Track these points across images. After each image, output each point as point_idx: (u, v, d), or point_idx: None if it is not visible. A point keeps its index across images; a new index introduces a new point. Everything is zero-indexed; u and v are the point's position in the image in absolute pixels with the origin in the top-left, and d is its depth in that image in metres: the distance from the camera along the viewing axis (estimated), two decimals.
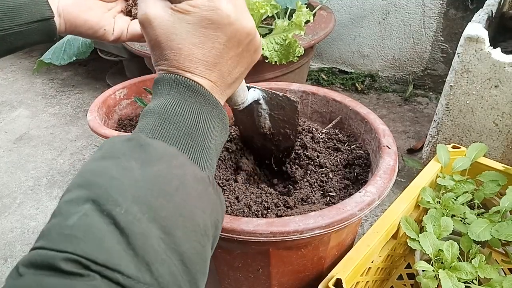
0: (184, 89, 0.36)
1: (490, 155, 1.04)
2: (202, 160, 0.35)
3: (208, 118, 0.37)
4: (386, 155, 0.66)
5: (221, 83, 0.39)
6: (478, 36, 0.91)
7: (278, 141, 0.73)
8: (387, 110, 1.65)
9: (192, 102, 0.36)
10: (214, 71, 0.38)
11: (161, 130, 0.34)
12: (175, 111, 0.35)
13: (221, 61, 0.38)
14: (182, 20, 0.35)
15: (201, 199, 0.32)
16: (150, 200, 0.29)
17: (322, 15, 1.41)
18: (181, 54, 0.36)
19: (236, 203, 0.64)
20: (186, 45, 0.36)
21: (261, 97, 0.67)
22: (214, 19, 0.36)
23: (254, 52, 0.41)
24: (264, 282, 0.67)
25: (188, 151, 0.34)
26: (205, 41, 0.36)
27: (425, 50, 1.65)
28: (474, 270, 0.67)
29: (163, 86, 0.37)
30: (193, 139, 0.35)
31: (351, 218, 0.56)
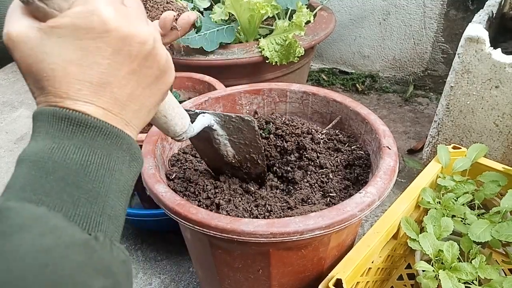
0: (66, 124, 0.29)
1: (490, 156, 1.04)
2: (94, 214, 0.28)
3: (104, 155, 0.30)
4: (386, 155, 0.66)
5: (120, 111, 0.32)
6: (478, 36, 0.91)
7: (247, 168, 0.69)
8: (387, 111, 1.65)
9: (78, 139, 0.29)
10: (104, 95, 0.30)
11: (34, 185, 0.27)
12: (55, 157, 0.28)
13: (111, 80, 0.31)
14: (52, 34, 0.29)
15: (83, 271, 0.26)
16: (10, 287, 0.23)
17: (322, 15, 1.41)
18: (56, 76, 0.29)
19: (235, 209, 0.64)
20: (60, 64, 0.29)
21: (214, 122, 0.61)
22: (90, 27, 0.29)
23: (159, 70, 0.34)
24: (264, 282, 0.67)
25: (72, 207, 0.27)
26: (83, 56, 0.29)
27: (425, 50, 1.65)
28: (474, 271, 0.67)
29: (41, 123, 0.30)
30: (81, 189, 0.28)
31: (352, 219, 0.56)
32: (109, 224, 0.30)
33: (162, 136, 0.72)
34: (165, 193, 0.59)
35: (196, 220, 0.55)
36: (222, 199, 0.64)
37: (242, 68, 1.21)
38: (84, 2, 0.29)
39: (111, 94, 0.31)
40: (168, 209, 0.58)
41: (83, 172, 0.29)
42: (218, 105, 0.85)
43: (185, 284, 1.00)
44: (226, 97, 0.86)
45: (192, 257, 0.81)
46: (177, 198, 0.58)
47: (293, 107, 0.88)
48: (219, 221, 0.55)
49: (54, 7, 0.29)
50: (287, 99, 0.88)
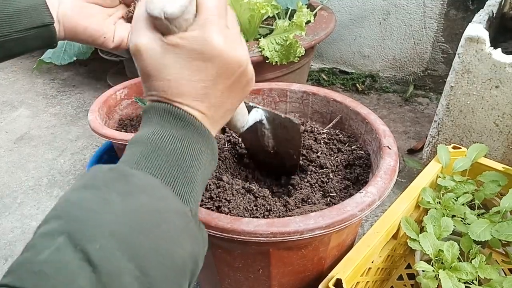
0: (174, 118, 0.36)
1: (490, 156, 1.04)
2: (187, 194, 0.34)
3: (197, 149, 0.36)
4: (386, 155, 0.66)
5: (212, 115, 0.38)
6: (478, 36, 0.91)
7: (282, 159, 0.73)
8: (387, 111, 1.65)
9: (181, 132, 0.35)
10: (204, 103, 0.37)
11: (147, 161, 0.33)
12: (163, 141, 0.34)
13: (211, 92, 0.37)
14: (171, 52, 0.35)
15: (182, 235, 0.31)
16: (128, 236, 0.27)
17: (322, 15, 1.41)
18: (170, 86, 0.35)
19: (236, 208, 0.64)
20: (175, 76, 0.35)
21: (264, 117, 0.66)
22: (203, 51, 0.35)
23: (246, 84, 0.40)
24: (264, 282, 0.67)
25: (173, 184, 0.33)
26: (194, 72, 0.35)
27: (425, 50, 1.65)
28: (474, 271, 0.67)
29: (152, 115, 0.36)
30: (179, 171, 0.34)
31: (352, 219, 0.56)
32: (194, 204, 0.35)
33: None
34: None
35: None
36: (224, 198, 0.64)
37: None
38: (200, 29, 0.35)
39: (209, 102, 0.37)
40: None
41: (182, 158, 0.34)
42: None
43: None
44: None
45: None
46: None
47: (293, 107, 0.88)
48: (219, 220, 0.55)
49: (175, 25, 0.34)
50: (287, 99, 0.88)
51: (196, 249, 0.33)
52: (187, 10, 0.34)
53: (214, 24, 0.35)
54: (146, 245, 0.28)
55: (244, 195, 0.66)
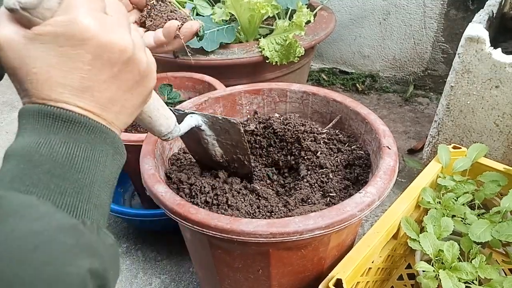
0: (52, 120, 0.31)
1: (490, 156, 1.04)
2: (80, 203, 0.30)
3: (89, 149, 0.32)
4: (386, 155, 0.66)
5: (101, 112, 0.34)
6: (478, 36, 0.91)
7: (235, 168, 0.70)
8: (387, 111, 1.64)
9: (63, 134, 0.31)
10: (84, 97, 0.32)
11: (23, 177, 0.29)
12: (42, 151, 0.30)
13: (92, 85, 0.32)
14: (35, 40, 0.31)
15: (72, 252, 0.27)
16: (2, 269, 0.24)
17: (322, 15, 1.41)
18: (38, 80, 0.31)
19: (235, 209, 0.63)
20: (42, 68, 0.31)
21: (202, 122, 0.62)
22: (70, 34, 0.31)
23: (140, 75, 0.36)
24: (264, 282, 0.67)
25: (58, 197, 0.29)
26: (64, 61, 0.31)
27: (425, 50, 1.65)
28: (475, 271, 0.67)
29: (27, 120, 0.31)
30: (66, 180, 0.30)
31: (351, 219, 0.56)
32: (95, 212, 0.31)
33: None
34: (164, 193, 0.59)
35: (195, 220, 0.55)
36: (223, 199, 0.64)
37: (242, 68, 1.21)
38: (65, 12, 0.31)
39: (91, 97, 0.33)
40: (167, 209, 0.58)
41: (69, 164, 0.31)
42: (218, 105, 0.85)
43: (185, 284, 1.00)
44: (226, 97, 0.86)
45: (192, 257, 0.81)
46: (177, 198, 0.58)
47: (293, 107, 0.88)
48: (219, 221, 0.55)
49: (37, 16, 0.31)
50: (287, 99, 0.88)
51: (97, 263, 0.29)
52: None
53: (81, 6, 0.31)
54: (23, 275, 0.24)
55: (246, 196, 0.66)
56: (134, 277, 1.02)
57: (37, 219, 0.27)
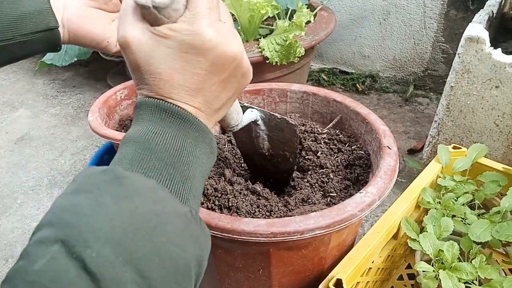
0: (167, 115, 0.34)
1: (490, 156, 1.04)
2: (185, 192, 0.33)
3: (193, 144, 0.35)
4: (386, 155, 0.66)
5: (206, 109, 0.37)
6: (478, 36, 0.91)
7: (277, 162, 0.72)
8: (387, 111, 1.65)
9: (175, 129, 0.34)
10: (197, 97, 0.36)
11: (141, 161, 0.32)
12: (157, 140, 0.33)
13: (205, 86, 0.36)
14: (161, 43, 0.33)
15: (182, 237, 0.30)
16: (125, 241, 0.26)
17: (322, 15, 1.41)
18: (161, 79, 0.34)
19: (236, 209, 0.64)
20: (166, 70, 0.34)
21: (259, 117, 0.65)
22: (195, 44, 0.34)
23: (241, 77, 0.39)
24: (264, 282, 0.67)
25: (170, 183, 0.32)
26: (186, 66, 0.34)
27: (425, 50, 1.65)
28: (475, 271, 0.67)
29: (144, 112, 0.35)
30: (176, 169, 0.33)
31: (352, 219, 0.56)
32: (194, 202, 0.34)
33: None
34: None
35: None
36: (225, 200, 0.64)
37: None
38: (191, 21, 0.33)
39: (203, 96, 0.36)
40: None
41: (178, 155, 0.34)
42: None
43: None
44: None
45: None
46: None
47: (294, 107, 0.88)
48: (220, 220, 0.55)
49: (164, 15, 0.33)
50: (288, 99, 0.88)
51: (199, 250, 0.32)
52: (176, 0, 0.33)
53: (205, 16, 0.34)
54: (144, 248, 0.27)
55: (246, 196, 0.66)
56: None
57: (156, 202, 0.30)
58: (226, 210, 0.63)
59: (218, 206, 0.64)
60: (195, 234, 0.32)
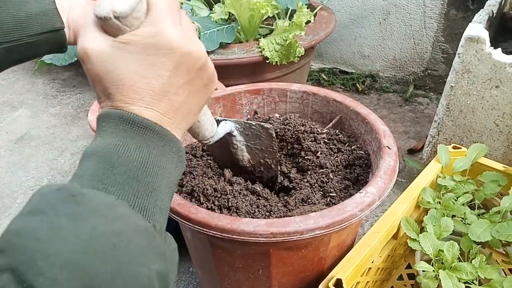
0: (130, 125, 0.33)
1: (490, 156, 1.04)
2: (149, 206, 0.32)
3: (159, 154, 0.34)
4: (386, 155, 0.66)
5: (173, 115, 0.36)
6: (478, 36, 0.91)
7: (260, 172, 0.71)
8: (387, 111, 1.64)
9: (139, 139, 0.33)
10: (163, 101, 0.35)
11: (101, 176, 0.31)
12: (119, 153, 0.32)
13: (170, 90, 0.35)
14: (123, 50, 0.33)
15: (145, 254, 0.29)
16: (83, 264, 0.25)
17: (322, 15, 1.41)
18: (124, 85, 0.33)
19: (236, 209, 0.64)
20: (128, 75, 0.33)
21: (234, 128, 0.65)
22: (158, 45, 0.33)
23: (208, 80, 0.38)
24: (264, 282, 0.67)
25: (132, 198, 0.31)
26: (149, 68, 0.34)
27: (425, 50, 1.65)
28: (475, 271, 0.67)
29: (107, 123, 0.34)
30: (140, 182, 0.32)
31: (352, 219, 0.56)
32: (160, 215, 0.33)
33: None
34: None
35: (196, 220, 0.55)
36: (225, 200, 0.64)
37: (242, 68, 1.21)
38: (153, 24, 0.33)
39: (168, 101, 0.35)
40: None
41: (142, 168, 0.32)
42: (218, 105, 0.85)
43: (185, 284, 1.00)
44: (226, 97, 0.86)
45: (192, 257, 0.81)
46: (177, 197, 0.59)
47: (293, 107, 0.88)
48: (219, 221, 0.55)
49: (126, 24, 0.33)
50: (287, 99, 0.88)
51: (163, 266, 0.30)
52: (137, 8, 0.33)
53: (168, 17, 0.34)
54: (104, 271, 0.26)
55: (246, 196, 0.66)
56: None
57: (116, 219, 0.28)
58: (226, 210, 0.63)
59: (218, 206, 0.64)
60: (160, 249, 0.31)
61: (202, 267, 0.77)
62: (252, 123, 0.63)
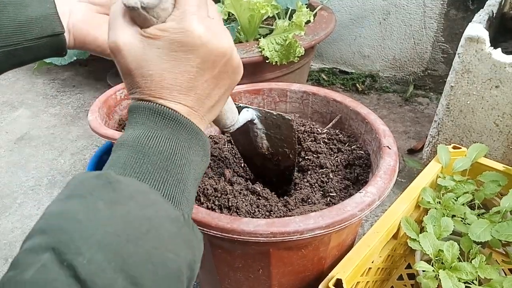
0: (160, 117, 0.34)
1: (490, 156, 1.04)
2: (178, 195, 0.33)
3: (186, 147, 0.35)
4: (386, 155, 0.66)
5: (199, 107, 0.37)
6: (478, 36, 0.91)
7: (277, 160, 0.71)
8: (387, 111, 1.65)
9: (168, 131, 0.34)
10: (190, 95, 0.36)
11: (134, 165, 0.32)
12: (150, 143, 0.33)
13: (196, 84, 0.36)
14: (152, 45, 0.34)
15: (175, 241, 0.30)
16: (117, 247, 0.26)
17: (322, 15, 1.41)
18: (153, 81, 0.34)
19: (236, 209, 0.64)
20: (157, 71, 0.34)
21: (255, 116, 0.65)
22: (184, 42, 0.34)
23: (232, 73, 0.39)
24: (264, 282, 0.67)
25: (162, 187, 0.32)
26: (176, 65, 0.34)
27: (425, 50, 1.65)
28: (475, 271, 0.67)
29: (137, 115, 0.35)
30: (169, 173, 0.33)
31: (352, 219, 0.56)
32: (187, 205, 0.34)
33: None
34: None
35: (196, 219, 0.55)
36: (225, 200, 0.64)
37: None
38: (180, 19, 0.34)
39: (195, 95, 0.36)
40: None
41: (171, 159, 0.33)
42: None
43: None
44: None
45: None
46: None
47: (293, 107, 0.88)
48: (220, 220, 0.55)
49: (153, 15, 0.34)
50: (287, 99, 0.88)
51: (191, 255, 0.32)
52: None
53: (194, 13, 0.34)
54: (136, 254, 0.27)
55: (246, 196, 0.66)
56: None
57: (149, 206, 0.30)
58: (226, 210, 0.63)
59: (218, 206, 0.64)
60: (188, 238, 0.32)
61: (202, 267, 0.76)
62: (273, 113, 0.64)
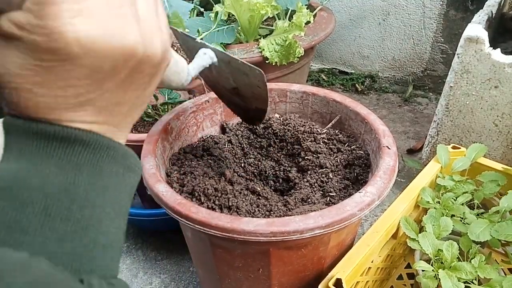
0: (45, 140, 0.24)
1: (489, 156, 1.04)
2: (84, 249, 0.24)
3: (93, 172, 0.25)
4: (386, 155, 0.66)
5: (107, 118, 0.27)
6: (478, 36, 0.92)
7: (246, 99, 0.66)
8: (387, 111, 1.65)
9: (60, 158, 0.24)
10: (86, 110, 0.25)
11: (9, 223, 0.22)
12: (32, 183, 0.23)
13: (93, 97, 0.25)
14: (12, 47, 0.22)
15: None
16: None
17: (322, 16, 1.41)
18: (20, 97, 0.23)
19: (236, 209, 0.64)
20: (23, 85, 0.23)
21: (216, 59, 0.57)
22: (52, 48, 0.22)
23: (154, 67, 0.28)
24: (264, 282, 0.67)
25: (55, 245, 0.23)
26: (51, 79, 0.23)
27: (425, 51, 1.65)
28: (474, 270, 0.68)
29: (13, 138, 0.24)
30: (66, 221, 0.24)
31: (351, 218, 0.56)
32: (104, 257, 0.25)
33: (162, 136, 0.72)
34: (165, 193, 0.59)
35: (196, 219, 0.55)
36: (225, 200, 0.65)
37: None
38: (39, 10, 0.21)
39: (93, 108, 0.26)
40: (169, 208, 0.58)
41: (69, 198, 0.24)
42: (219, 105, 0.85)
43: (185, 284, 1.00)
44: None
45: (193, 256, 0.81)
46: (178, 197, 0.59)
47: (293, 107, 0.89)
48: (220, 220, 0.55)
49: None
50: (287, 99, 0.88)
51: None
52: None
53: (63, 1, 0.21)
54: None
55: (246, 196, 0.67)
56: (134, 276, 1.02)
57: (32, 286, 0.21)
58: (226, 209, 0.63)
59: (218, 206, 0.64)
60: None
61: (203, 266, 0.77)
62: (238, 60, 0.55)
